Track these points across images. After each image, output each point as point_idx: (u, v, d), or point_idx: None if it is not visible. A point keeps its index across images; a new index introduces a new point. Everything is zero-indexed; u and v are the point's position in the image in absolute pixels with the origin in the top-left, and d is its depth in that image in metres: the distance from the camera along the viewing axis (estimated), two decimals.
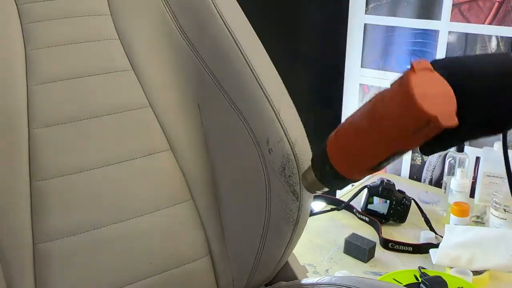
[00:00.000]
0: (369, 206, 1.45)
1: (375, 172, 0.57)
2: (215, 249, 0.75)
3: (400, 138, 0.51)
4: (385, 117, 0.51)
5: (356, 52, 1.74)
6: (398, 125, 0.50)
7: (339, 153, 0.57)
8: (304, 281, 0.79)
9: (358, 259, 1.29)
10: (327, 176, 0.59)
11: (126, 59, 0.75)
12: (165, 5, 0.76)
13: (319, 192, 0.63)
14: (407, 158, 1.74)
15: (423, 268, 1.17)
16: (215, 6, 0.74)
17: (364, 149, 0.55)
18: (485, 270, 1.19)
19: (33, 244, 0.65)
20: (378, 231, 1.37)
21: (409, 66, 0.49)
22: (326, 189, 0.62)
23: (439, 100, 0.49)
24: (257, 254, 0.75)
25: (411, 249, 1.31)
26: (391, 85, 0.51)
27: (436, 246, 1.28)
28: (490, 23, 1.50)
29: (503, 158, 0.61)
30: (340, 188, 0.61)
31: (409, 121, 0.49)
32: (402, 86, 0.49)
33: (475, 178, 1.56)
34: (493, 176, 1.45)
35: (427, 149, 0.54)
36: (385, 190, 1.43)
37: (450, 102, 0.50)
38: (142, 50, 0.75)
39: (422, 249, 1.31)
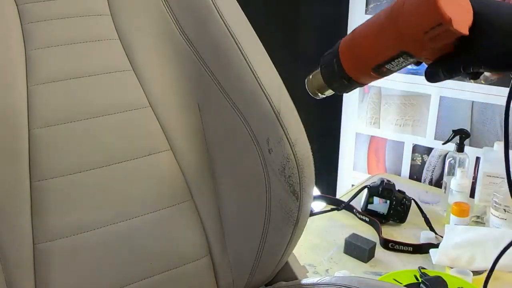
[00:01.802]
0: (369, 206, 1.45)
1: (379, 77, 0.57)
2: (215, 249, 0.75)
3: (410, 36, 0.52)
4: (402, 13, 0.52)
5: None
6: (412, 21, 0.51)
7: (349, 51, 0.57)
8: (304, 281, 0.79)
9: (358, 259, 1.29)
10: (333, 75, 0.59)
11: (126, 59, 0.75)
12: (165, 5, 0.76)
13: (322, 96, 0.63)
14: (407, 158, 1.74)
15: (423, 268, 1.17)
16: (215, 6, 0.74)
17: (373, 44, 0.55)
18: (485, 270, 1.19)
19: (33, 244, 0.65)
20: (378, 231, 1.37)
21: None
22: (329, 93, 0.62)
23: (457, 10, 0.50)
24: (257, 254, 0.75)
25: (411, 249, 1.31)
26: None
27: (436, 246, 1.28)
28: None
29: (503, 158, 0.61)
30: (343, 92, 0.61)
31: (423, 18, 0.50)
32: None
33: (475, 178, 1.56)
34: (493, 176, 1.45)
35: (433, 73, 0.55)
36: (385, 190, 1.43)
37: (467, 17, 0.51)
38: (142, 50, 0.75)
39: (422, 249, 1.31)
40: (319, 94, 0.63)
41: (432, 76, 0.56)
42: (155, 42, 0.76)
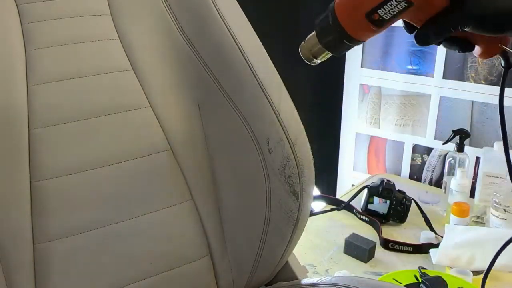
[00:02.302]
0: (369, 206, 1.45)
1: (374, 28, 0.57)
2: (215, 249, 0.75)
3: None
4: None
5: (356, 52, 1.74)
6: None
7: (345, 3, 0.57)
8: (304, 281, 0.79)
9: (358, 259, 1.29)
10: (328, 30, 0.59)
11: (126, 59, 0.75)
12: (165, 5, 0.76)
13: (317, 62, 0.63)
14: (407, 158, 1.74)
15: (423, 268, 1.17)
16: (215, 6, 0.74)
17: None
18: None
19: (33, 244, 0.65)
20: (378, 231, 1.37)
21: None
22: (325, 56, 0.62)
23: None
24: (257, 254, 0.75)
25: (411, 249, 1.31)
26: None
27: (436, 246, 1.28)
28: None
29: (504, 158, 0.61)
30: (338, 51, 0.61)
31: None
32: None
33: (475, 178, 1.56)
34: (493, 176, 1.45)
35: (423, 34, 0.56)
36: (385, 190, 1.43)
37: None
38: (142, 50, 0.75)
39: (422, 249, 1.31)
40: (314, 58, 0.62)
41: (421, 38, 0.57)
42: (155, 42, 0.76)
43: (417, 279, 1.15)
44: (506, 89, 0.54)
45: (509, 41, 0.57)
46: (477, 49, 0.58)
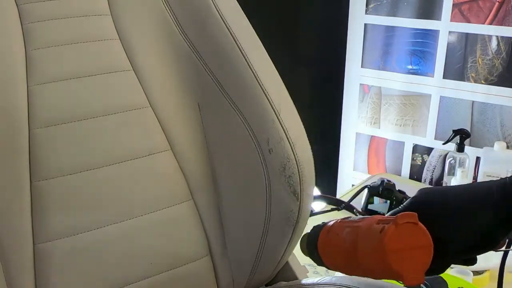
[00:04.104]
0: (369, 206, 1.45)
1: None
2: (215, 249, 0.75)
3: (370, 273, 0.56)
4: (362, 253, 0.55)
5: (356, 52, 1.74)
6: (371, 265, 0.54)
7: (325, 250, 0.62)
8: (304, 281, 0.79)
9: None
10: (314, 256, 0.64)
11: (126, 59, 0.75)
12: (165, 4, 0.76)
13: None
14: (407, 158, 1.74)
15: None
16: (215, 6, 0.74)
17: (342, 260, 0.60)
18: (485, 270, 1.19)
19: (33, 244, 0.65)
20: None
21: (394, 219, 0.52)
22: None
23: (413, 255, 0.53)
24: (257, 254, 0.75)
25: None
26: (377, 221, 0.54)
27: None
28: (490, 23, 1.50)
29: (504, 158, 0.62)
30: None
31: (379, 269, 0.54)
32: (381, 237, 0.52)
33: (475, 178, 1.56)
34: (493, 176, 1.45)
35: (429, 271, 0.57)
36: (385, 190, 1.43)
37: (424, 257, 0.54)
38: (142, 50, 0.75)
39: None
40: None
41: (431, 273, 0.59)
42: (155, 42, 0.76)
43: None
44: (506, 89, 0.53)
45: None
46: None
